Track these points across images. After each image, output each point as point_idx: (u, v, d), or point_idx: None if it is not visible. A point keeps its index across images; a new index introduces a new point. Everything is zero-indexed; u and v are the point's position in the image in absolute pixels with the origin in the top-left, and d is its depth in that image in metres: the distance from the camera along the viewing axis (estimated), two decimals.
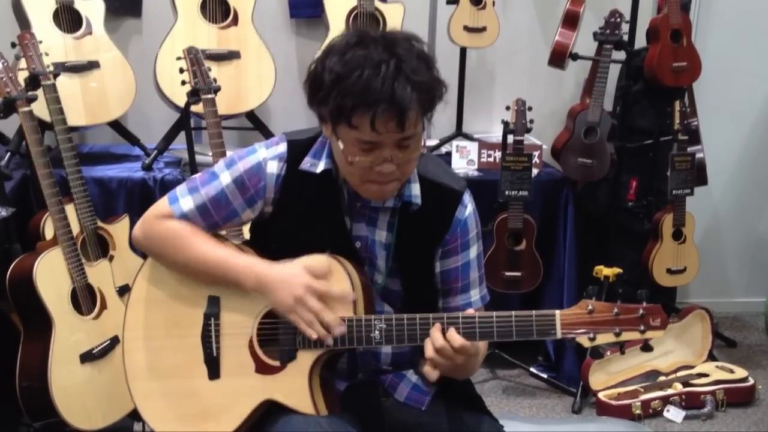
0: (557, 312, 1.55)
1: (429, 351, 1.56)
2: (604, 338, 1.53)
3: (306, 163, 1.67)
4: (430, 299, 1.77)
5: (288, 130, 1.77)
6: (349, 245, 1.70)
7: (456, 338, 1.55)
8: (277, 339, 1.65)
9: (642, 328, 1.53)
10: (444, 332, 1.56)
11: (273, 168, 1.68)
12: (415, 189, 1.68)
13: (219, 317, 1.70)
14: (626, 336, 1.53)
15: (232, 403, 1.67)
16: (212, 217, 1.70)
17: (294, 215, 1.69)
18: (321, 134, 1.69)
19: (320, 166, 1.67)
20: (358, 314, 1.62)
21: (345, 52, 1.51)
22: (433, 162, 1.77)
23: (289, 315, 1.60)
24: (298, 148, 1.69)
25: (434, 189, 1.71)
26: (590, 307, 1.53)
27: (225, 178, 1.69)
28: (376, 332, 1.59)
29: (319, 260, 1.63)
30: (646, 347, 1.57)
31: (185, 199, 1.71)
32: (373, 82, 1.47)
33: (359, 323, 1.60)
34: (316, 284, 1.58)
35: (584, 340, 1.53)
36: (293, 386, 1.63)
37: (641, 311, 1.53)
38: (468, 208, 1.74)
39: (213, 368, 1.69)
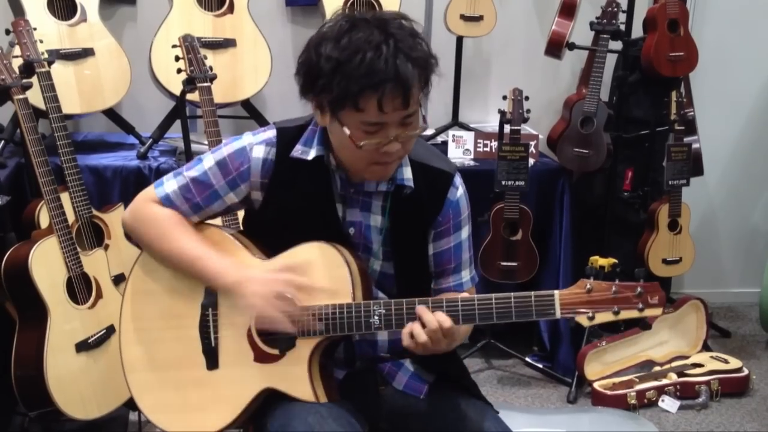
0: (556, 292, 1.54)
1: (422, 336, 1.55)
2: (603, 317, 1.53)
3: (297, 151, 1.67)
4: (423, 283, 1.78)
5: (283, 119, 1.76)
6: (341, 232, 1.70)
7: (445, 320, 1.55)
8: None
9: (640, 306, 1.52)
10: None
11: (259, 152, 1.68)
12: (407, 172, 1.69)
13: (217, 307, 1.69)
14: (625, 314, 1.53)
15: (232, 393, 1.67)
16: (194, 198, 1.71)
17: (286, 202, 1.68)
18: (311, 122, 1.69)
19: (312, 153, 1.67)
20: (356, 300, 1.61)
21: (340, 38, 1.52)
22: (422, 146, 1.77)
23: (264, 312, 1.59)
24: (288, 134, 1.69)
25: (426, 172, 1.72)
26: (588, 287, 1.53)
27: (208, 161, 1.71)
28: (376, 318, 1.59)
29: (309, 251, 1.63)
30: (645, 325, 1.57)
31: (170, 182, 1.73)
32: (376, 63, 1.48)
33: (358, 309, 1.60)
34: (297, 279, 1.59)
35: (583, 320, 1.53)
36: (293, 374, 1.63)
37: (639, 289, 1.53)
38: (459, 189, 1.76)
39: (211, 358, 1.69)
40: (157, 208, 1.71)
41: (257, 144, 1.69)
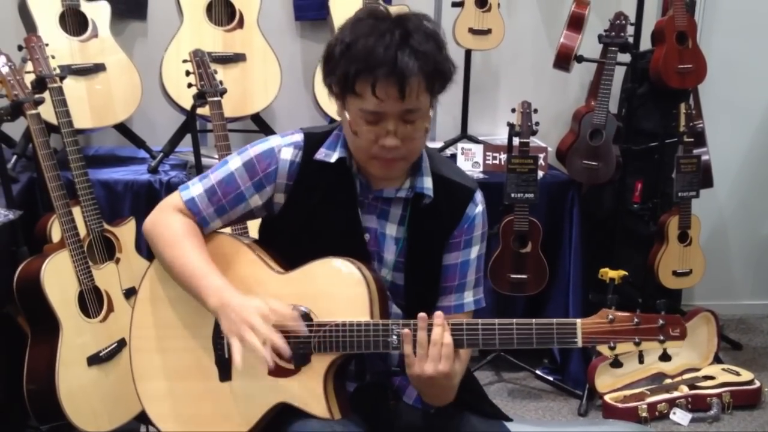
0: (578, 321, 1.54)
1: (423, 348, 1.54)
2: (625, 347, 1.54)
3: (321, 153, 1.69)
4: (433, 296, 1.76)
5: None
6: (358, 235, 1.70)
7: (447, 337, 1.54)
8: (290, 342, 1.63)
9: (661, 337, 1.53)
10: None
11: (287, 154, 1.70)
12: (428, 182, 1.70)
13: None
14: (646, 345, 1.54)
15: (244, 406, 1.66)
16: (220, 200, 1.71)
17: (307, 205, 1.69)
18: (335, 128, 1.72)
19: (334, 156, 1.68)
20: (374, 318, 1.60)
21: (356, 24, 1.56)
22: (444, 162, 1.78)
23: (232, 337, 1.56)
24: (313, 138, 1.71)
25: (447, 185, 1.72)
26: (611, 317, 1.54)
27: (235, 162, 1.71)
28: (394, 337, 1.58)
29: (327, 266, 1.63)
30: (665, 356, 1.58)
31: (195, 186, 1.73)
32: (376, 47, 1.51)
33: (377, 328, 1.59)
34: (271, 315, 1.55)
35: (605, 349, 1.54)
36: (308, 389, 1.61)
37: (661, 321, 1.53)
38: (479, 206, 1.76)
39: (224, 370, 1.68)
40: (174, 216, 1.71)
41: (285, 146, 1.70)
